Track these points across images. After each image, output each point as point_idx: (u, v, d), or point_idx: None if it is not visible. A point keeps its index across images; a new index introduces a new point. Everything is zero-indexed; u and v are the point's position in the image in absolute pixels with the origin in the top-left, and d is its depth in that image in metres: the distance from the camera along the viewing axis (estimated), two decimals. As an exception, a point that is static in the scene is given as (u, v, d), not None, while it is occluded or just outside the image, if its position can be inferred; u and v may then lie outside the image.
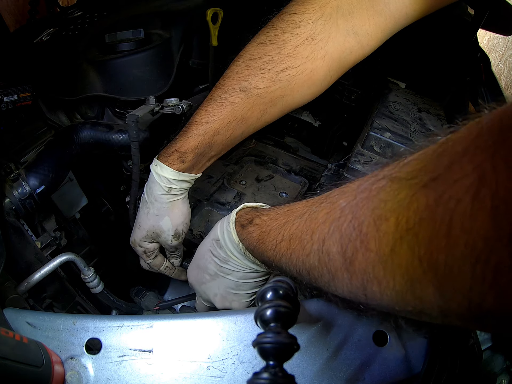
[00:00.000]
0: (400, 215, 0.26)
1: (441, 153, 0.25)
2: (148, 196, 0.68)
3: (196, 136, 0.63)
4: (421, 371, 0.44)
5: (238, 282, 0.59)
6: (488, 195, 0.21)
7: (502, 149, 0.21)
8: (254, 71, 0.61)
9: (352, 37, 0.62)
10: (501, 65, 3.12)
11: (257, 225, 0.50)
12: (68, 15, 0.96)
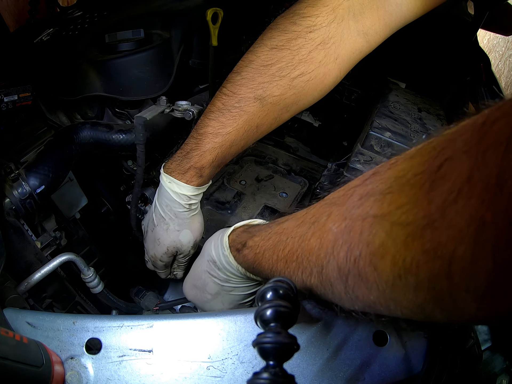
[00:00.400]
0: (396, 254, 0.26)
1: (430, 190, 0.25)
2: (166, 213, 0.65)
3: (213, 149, 0.61)
4: (421, 371, 0.44)
5: (243, 295, 0.59)
6: (488, 241, 0.21)
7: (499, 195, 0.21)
8: (268, 78, 0.59)
9: (362, 37, 0.61)
10: (501, 65, 3.12)
11: (250, 248, 0.49)
12: (68, 15, 0.96)
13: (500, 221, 0.20)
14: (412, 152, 0.29)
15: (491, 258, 0.21)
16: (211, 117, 0.61)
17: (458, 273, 0.23)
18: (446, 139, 0.26)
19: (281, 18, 0.60)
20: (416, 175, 0.26)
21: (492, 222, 0.21)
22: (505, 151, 0.20)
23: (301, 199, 1.01)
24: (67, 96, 0.79)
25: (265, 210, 0.95)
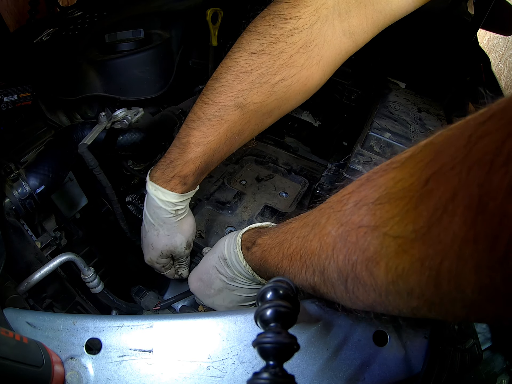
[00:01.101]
0: (389, 262, 0.28)
1: (417, 205, 0.26)
2: (155, 220, 0.66)
3: (195, 159, 0.62)
4: (421, 371, 0.44)
5: (245, 297, 0.61)
6: (470, 258, 0.22)
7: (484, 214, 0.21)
8: (248, 85, 0.57)
9: (348, 37, 0.59)
10: (501, 65, 3.12)
11: (259, 245, 0.51)
12: (68, 15, 0.96)
13: (481, 241, 0.22)
14: (403, 159, 0.30)
15: (473, 273, 0.22)
16: (192, 126, 0.61)
17: (445, 283, 0.24)
18: (434, 149, 0.26)
19: (260, 20, 0.58)
20: (405, 188, 0.27)
21: (474, 241, 0.22)
22: (488, 172, 0.21)
23: (301, 198, 1.01)
24: (67, 96, 0.79)
25: (265, 210, 0.95)
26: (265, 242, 0.50)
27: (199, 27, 0.87)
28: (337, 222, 0.34)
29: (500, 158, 0.21)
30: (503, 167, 0.21)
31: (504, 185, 0.20)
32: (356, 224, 0.31)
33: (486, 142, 0.22)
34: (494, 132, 0.22)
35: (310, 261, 0.39)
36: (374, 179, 0.31)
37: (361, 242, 0.30)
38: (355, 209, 0.32)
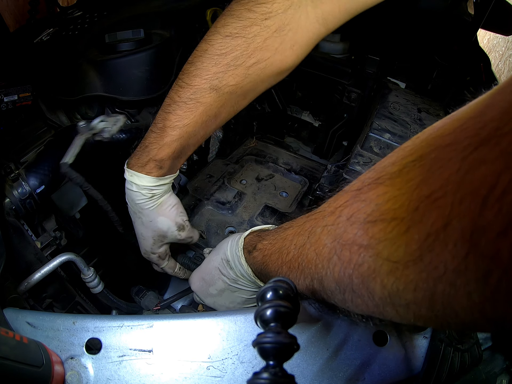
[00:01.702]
0: (384, 279, 0.28)
1: (407, 230, 0.26)
2: (133, 207, 0.66)
3: (171, 142, 0.61)
4: (421, 371, 0.44)
5: (246, 298, 0.61)
6: (462, 286, 0.23)
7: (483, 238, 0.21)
8: (223, 68, 0.58)
9: (321, 24, 0.60)
10: (501, 65, 3.12)
11: (259, 250, 0.51)
12: (68, 15, 0.96)
13: (472, 275, 0.22)
14: (393, 173, 0.29)
15: (466, 299, 0.23)
16: (168, 110, 0.61)
17: (439, 304, 0.25)
18: (425, 168, 0.26)
19: (235, 4, 0.58)
20: (396, 209, 0.27)
21: (465, 274, 0.22)
22: (481, 207, 0.21)
23: (301, 198, 1.01)
24: (67, 96, 0.79)
25: (265, 210, 0.95)
26: (265, 247, 0.50)
27: (199, 27, 0.87)
28: (331, 235, 0.35)
29: (494, 193, 0.20)
30: (496, 203, 0.20)
31: (498, 222, 0.20)
32: (349, 241, 0.31)
33: (480, 173, 0.21)
34: (490, 162, 0.21)
35: (308, 270, 0.39)
36: (364, 192, 0.31)
37: (355, 259, 0.31)
38: (347, 224, 0.32)
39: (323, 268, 0.36)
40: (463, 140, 0.23)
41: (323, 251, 0.36)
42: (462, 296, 0.23)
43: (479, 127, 0.22)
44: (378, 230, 0.28)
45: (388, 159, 0.31)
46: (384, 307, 0.31)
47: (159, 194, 0.66)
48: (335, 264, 0.34)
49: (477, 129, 0.23)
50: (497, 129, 0.21)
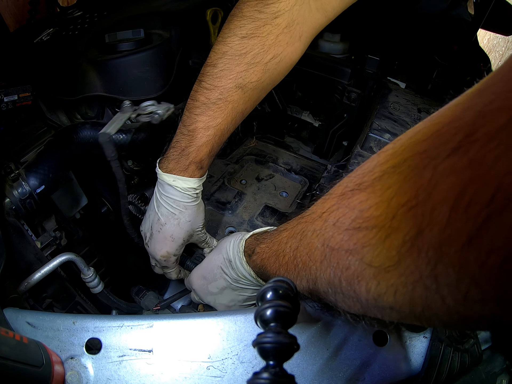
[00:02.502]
0: (368, 283, 0.29)
1: (386, 237, 0.26)
2: (175, 209, 0.68)
3: (208, 142, 0.65)
4: (421, 371, 0.44)
5: (247, 297, 0.62)
6: (439, 290, 0.23)
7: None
8: (244, 67, 0.62)
9: (322, 14, 0.65)
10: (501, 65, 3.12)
11: (258, 253, 0.53)
12: (68, 15, 0.96)
13: (443, 282, 0.22)
14: (373, 179, 0.30)
15: (441, 302, 0.23)
16: (198, 112, 0.64)
17: (419, 306, 0.25)
18: (402, 176, 0.26)
19: (245, 6, 0.62)
20: (375, 217, 0.28)
21: (437, 280, 0.23)
22: (449, 217, 0.21)
23: (301, 198, 1.01)
24: (67, 96, 0.79)
25: (265, 210, 0.95)
26: (263, 250, 0.52)
27: (199, 27, 0.87)
28: (321, 239, 0.36)
29: (461, 203, 0.20)
30: (463, 214, 0.20)
31: (465, 232, 0.20)
32: (337, 245, 0.33)
33: (449, 183, 0.21)
34: (458, 172, 0.21)
35: (303, 271, 0.41)
36: (348, 198, 0.32)
37: (342, 262, 0.32)
38: (334, 229, 0.33)
39: (316, 270, 0.37)
40: (438, 146, 0.23)
41: (315, 254, 0.37)
42: (438, 300, 0.24)
43: (453, 133, 0.23)
44: (362, 236, 0.29)
45: (369, 162, 0.32)
46: (370, 309, 0.32)
47: (200, 192, 0.70)
48: (326, 266, 0.35)
49: (451, 135, 0.23)
50: (468, 136, 0.21)
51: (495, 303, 0.21)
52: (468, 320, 0.24)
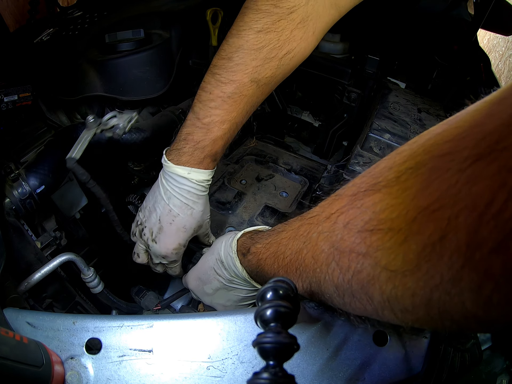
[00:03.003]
0: (383, 285, 0.29)
1: (404, 241, 0.26)
2: (189, 200, 0.68)
3: (223, 135, 0.66)
4: (421, 371, 0.44)
5: (242, 297, 0.62)
6: (457, 295, 0.23)
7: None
8: (260, 62, 0.62)
9: (335, 10, 0.65)
10: (501, 65, 3.12)
11: (253, 253, 0.52)
12: (68, 15, 0.96)
13: (466, 286, 0.22)
14: (390, 180, 0.29)
15: (460, 306, 0.23)
16: (213, 105, 0.64)
17: (435, 309, 0.25)
18: (423, 177, 0.25)
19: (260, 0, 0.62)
20: (393, 219, 0.27)
21: (459, 284, 0.23)
22: (477, 223, 0.21)
23: (301, 198, 1.01)
24: (67, 96, 0.79)
25: (265, 210, 0.95)
26: (259, 250, 0.51)
27: (199, 27, 0.87)
28: (328, 241, 0.35)
29: (491, 210, 0.20)
30: (492, 220, 0.20)
31: (492, 239, 0.20)
32: (347, 248, 0.32)
33: (478, 189, 0.21)
34: (487, 178, 0.21)
35: (306, 274, 0.40)
36: (360, 198, 0.31)
37: (353, 265, 0.31)
38: (344, 231, 0.32)
39: (322, 272, 0.36)
40: (462, 150, 0.23)
41: (321, 256, 0.36)
42: (457, 303, 0.23)
43: (479, 138, 0.22)
44: (376, 239, 0.28)
45: (384, 163, 0.31)
46: (382, 311, 0.31)
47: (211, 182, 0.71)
48: (333, 269, 0.34)
49: (477, 140, 0.22)
50: (497, 143, 0.21)
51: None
52: (484, 323, 0.24)
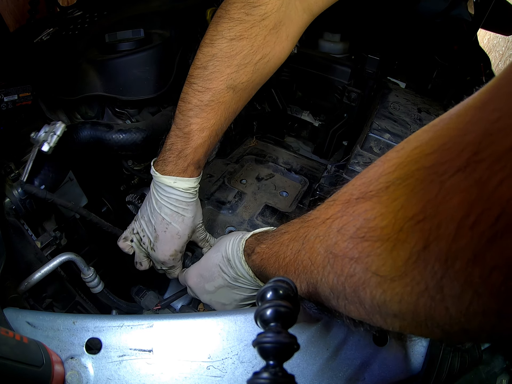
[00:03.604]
0: (373, 290, 0.29)
1: (392, 249, 0.27)
2: (178, 208, 0.69)
3: (204, 143, 0.67)
4: (421, 371, 0.44)
5: (245, 296, 0.63)
6: (443, 300, 0.24)
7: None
8: (235, 68, 0.63)
9: (308, 14, 0.66)
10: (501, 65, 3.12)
11: (257, 253, 0.53)
12: (68, 15, 0.96)
13: (448, 293, 0.23)
14: (382, 190, 0.29)
15: (444, 312, 0.24)
16: (191, 114, 0.65)
17: (422, 315, 0.26)
18: (408, 189, 0.26)
19: (232, 8, 0.62)
20: (382, 228, 0.28)
21: (442, 292, 0.23)
22: (455, 234, 0.22)
23: (301, 198, 1.01)
24: (67, 96, 0.79)
25: (266, 209, 0.95)
26: (263, 250, 0.52)
27: (199, 27, 0.87)
28: (324, 245, 0.36)
29: (467, 222, 0.21)
30: (469, 232, 0.21)
31: (469, 249, 0.21)
32: (341, 253, 0.33)
33: (456, 201, 0.22)
34: (465, 191, 0.22)
35: (303, 275, 0.41)
36: (352, 205, 0.32)
37: (346, 269, 0.32)
38: (338, 236, 0.33)
39: (318, 274, 0.37)
40: (444, 162, 0.24)
41: (317, 258, 0.37)
42: (441, 309, 0.24)
43: (459, 150, 0.23)
44: (367, 245, 0.29)
45: (374, 170, 0.32)
46: (373, 315, 0.32)
47: (198, 189, 0.72)
48: (329, 272, 0.35)
49: (458, 151, 0.23)
50: (475, 154, 0.22)
51: (495, 316, 0.22)
52: (469, 331, 0.24)
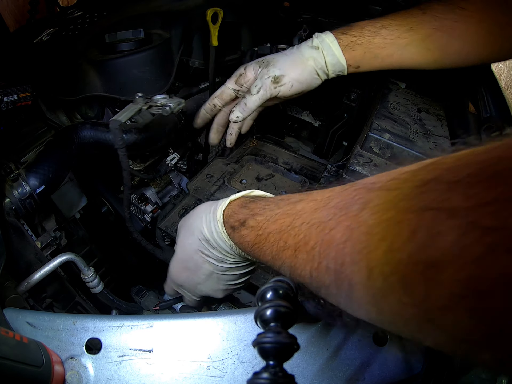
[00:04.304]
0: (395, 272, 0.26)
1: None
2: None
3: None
4: (421, 371, 0.44)
5: (237, 275, 0.57)
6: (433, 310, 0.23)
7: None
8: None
9: None
10: (501, 65, 3.12)
11: (251, 228, 0.42)
12: (68, 15, 0.96)
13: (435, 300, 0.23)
14: (390, 204, 0.27)
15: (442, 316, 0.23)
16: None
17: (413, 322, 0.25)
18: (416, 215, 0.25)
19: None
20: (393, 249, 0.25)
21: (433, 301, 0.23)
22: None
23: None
24: (67, 96, 0.79)
25: (265, 210, 0.95)
26: (260, 225, 0.41)
27: (199, 27, 0.87)
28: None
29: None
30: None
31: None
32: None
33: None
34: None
35: (324, 254, 0.31)
36: (351, 216, 0.30)
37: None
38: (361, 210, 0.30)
39: (353, 252, 0.28)
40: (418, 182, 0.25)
41: (360, 229, 0.28)
42: (437, 312, 0.24)
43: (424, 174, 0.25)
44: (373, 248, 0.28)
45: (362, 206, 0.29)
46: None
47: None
48: (377, 244, 0.28)
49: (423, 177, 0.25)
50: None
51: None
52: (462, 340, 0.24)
